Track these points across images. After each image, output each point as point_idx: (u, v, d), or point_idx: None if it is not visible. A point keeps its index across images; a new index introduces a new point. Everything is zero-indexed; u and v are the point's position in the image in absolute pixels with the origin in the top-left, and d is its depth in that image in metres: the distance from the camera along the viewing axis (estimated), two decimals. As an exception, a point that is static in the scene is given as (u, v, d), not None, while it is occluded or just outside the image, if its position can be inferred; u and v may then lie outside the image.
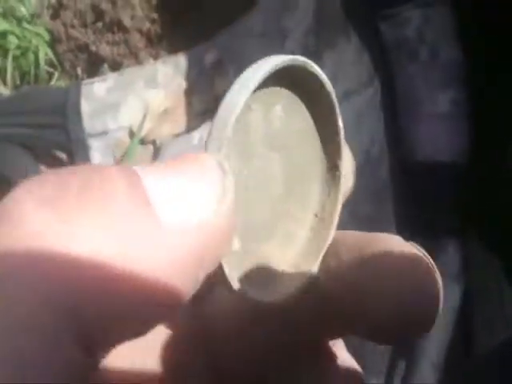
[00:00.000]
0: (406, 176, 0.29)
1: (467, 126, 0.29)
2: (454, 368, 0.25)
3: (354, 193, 0.32)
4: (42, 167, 0.48)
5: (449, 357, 0.25)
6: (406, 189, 0.29)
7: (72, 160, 0.46)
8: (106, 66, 0.49)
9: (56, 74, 0.49)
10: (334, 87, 0.38)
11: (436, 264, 0.27)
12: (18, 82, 0.49)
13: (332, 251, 0.13)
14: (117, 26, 0.47)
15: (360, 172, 0.32)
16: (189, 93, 0.43)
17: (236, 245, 0.12)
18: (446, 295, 0.27)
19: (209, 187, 0.10)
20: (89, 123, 0.45)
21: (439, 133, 0.29)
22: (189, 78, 0.44)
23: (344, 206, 0.31)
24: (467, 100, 0.29)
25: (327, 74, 0.35)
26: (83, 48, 0.48)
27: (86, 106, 0.45)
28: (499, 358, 0.25)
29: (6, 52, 0.47)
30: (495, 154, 0.29)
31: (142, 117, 0.44)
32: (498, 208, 0.28)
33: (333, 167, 0.14)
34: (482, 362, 0.25)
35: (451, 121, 0.29)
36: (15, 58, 0.48)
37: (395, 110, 0.30)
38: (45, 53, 0.47)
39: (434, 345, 0.26)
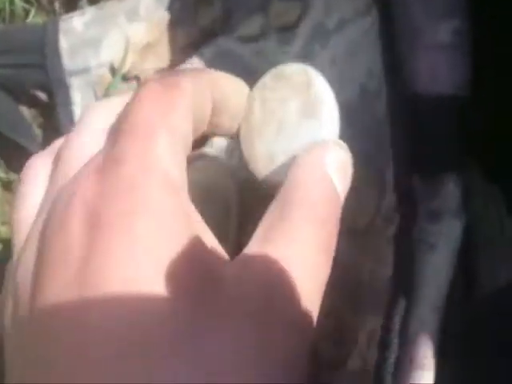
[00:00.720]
0: (405, 110, 0.28)
1: (469, 58, 0.28)
2: (455, 310, 0.24)
3: (350, 128, 0.31)
4: (23, 108, 0.46)
5: (449, 299, 0.24)
6: (405, 123, 0.27)
7: (52, 100, 0.44)
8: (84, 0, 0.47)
9: (32, 11, 0.46)
10: (327, 16, 0.36)
11: (436, 200, 0.26)
12: (-8, 20, 0.47)
13: None
14: (94, -44, 0.45)
15: (356, 106, 0.31)
16: (172, 25, 0.41)
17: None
18: (446, 233, 0.26)
19: None
20: (68, 60, 0.43)
21: (440, 64, 0.28)
22: (172, 9, 0.41)
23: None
24: (469, 31, 0.28)
25: (321, 2, 0.33)
26: (60, -19, 0.46)
27: (64, 43, 0.43)
28: (500, 301, 0.24)
29: (-23, -13, 0.45)
30: (497, 86, 0.28)
31: (124, 52, 0.42)
32: (499, 141, 0.27)
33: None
34: (483, 305, 0.25)
35: (453, 52, 0.28)
36: (-13, -6, 0.45)
37: (394, 40, 0.28)
38: (19, -13, 0.45)
39: (434, 286, 0.25)
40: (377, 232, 0.29)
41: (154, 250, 0.21)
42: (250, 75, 0.36)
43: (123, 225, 0.21)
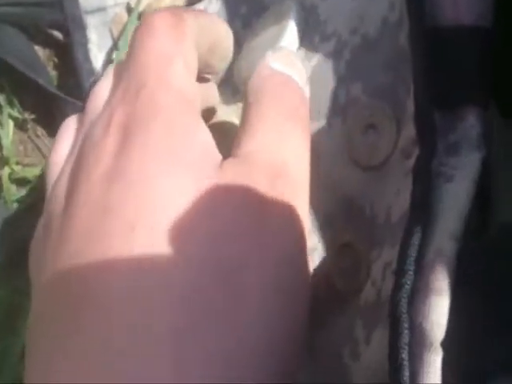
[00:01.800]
0: (426, 42, 0.27)
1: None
2: (472, 239, 0.24)
3: (369, 63, 0.30)
4: (37, 47, 0.46)
5: (467, 227, 0.24)
6: (426, 56, 0.27)
7: (69, 39, 0.44)
8: None
9: None
10: None
11: (456, 133, 0.26)
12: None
13: None
14: None
15: (376, 40, 0.30)
16: (190, -38, 0.41)
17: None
18: (465, 165, 0.26)
19: None
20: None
21: None
22: None
23: (358, 77, 0.29)
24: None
25: None
26: None
27: (81, -19, 0.43)
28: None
29: None
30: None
31: (140, -10, 0.41)
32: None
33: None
34: (501, 233, 0.24)
35: None
36: None
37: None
38: None
39: (452, 215, 0.24)
40: (394, 166, 0.28)
41: (167, 148, 0.24)
42: (264, 10, 0.36)
43: (143, 129, 0.25)
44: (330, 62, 0.31)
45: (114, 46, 0.43)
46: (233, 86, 0.36)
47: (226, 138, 0.30)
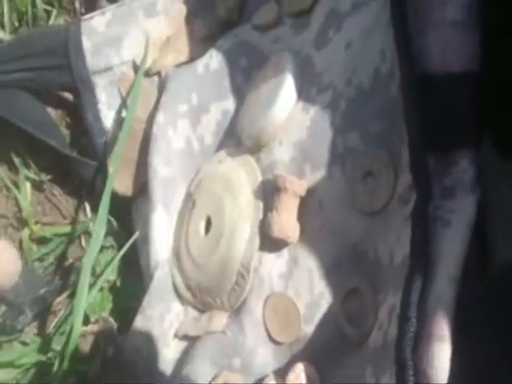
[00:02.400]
0: (417, 90, 0.28)
1: (478, 34, 0.28)
2: (472, 283, 0.25)
3: (364, 113, 0.31)
4: (49, 110, 0.48)
5: (466, 272, 0.25)
6: (417, 103, 0.28)
7: (79, 100, 0.45)
8: (103, -2, 0.48)
9: (54, 12, 0.48)
10: (341, 0, 0.36)
11: (450, 177, 0.26)
12: (17, 25, 0.48)
13: None
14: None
15: (370, 90, 0.31)
16: (190, 18, 0.42)
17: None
18: (460, 209, 0.27)
19: None
20: (92, 60, 0.44)
21: (449, 41, 0.28)
22: (189, 2, 0.42)
23: (354, 127, 0.30)
24: (479, 6, 0.28)
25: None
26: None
27: (87, 43, 0.44)
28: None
29: (0, -6, 0.46)
30: (507, 60, 0.28)
31: (145, 48, 0.43)
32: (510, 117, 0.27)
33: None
34: (500, 275, 0.25)
35: (462, 28, 0.28)
36: (11, 0, 0.47)
37: (405, 20, 0.29)
38: (40, -10, 0.46)
39: (450, 260, 0.25)
40: (393, 212, 0.29)
41: None
42: (266, 62, 0.37)
43: None
44: (327, 112, 0.32)
45: (124, 105, 0.44)
46: (236, 138, 0.37)
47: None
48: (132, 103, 0.43)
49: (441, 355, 0.23)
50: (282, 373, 0.32)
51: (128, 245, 0.41)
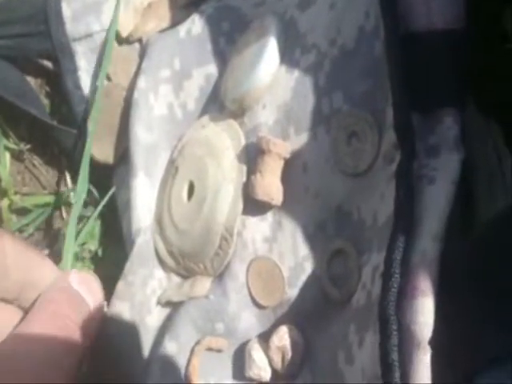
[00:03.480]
0: (401, 47, 0.28)
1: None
2: (455, 239, 0.25)
3: (348, 73, 0.31)
4: (28, 78, 0.47)
5: (450, 229, 0.25)
6: (401, 61, 0.27)
7: (58, 67, 0.45)
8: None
9: (33, -21, 0.47)
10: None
11: (435, 136, 0.26)
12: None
13: None
14: None
15: (354, 50, 0.31)
16: (171, -16, 0.41)
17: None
18: (445, 167, 0.27)
19: None
20: (71, 27, 0.44)
21: None
22: (170, -32, 0.42)
23: (339, 87, 0.30)
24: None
25: None
26: None
27: (67, 10, 0.43)
28: (498, 226, 0.24)
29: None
30: (490, 18, 0.27)
31: (125, 14, 0.42)
32: (495, 73, 0.27)
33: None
34: (484, 231, 0.25)
35: None
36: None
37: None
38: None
39: (435, 217, 0.25)
40: (378, 172, 0.29)
41: None
42: (248, 25, 0.37)
43: None
44: (311, 73, 0.32)
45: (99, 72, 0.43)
46: (219, 103, 0.36)
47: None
48: (104, 65, 0.42)
49: (424, 311, 0.23)
50: (266, 337, 0.32)
51: (103, 203, 0.41)
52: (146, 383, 0.33)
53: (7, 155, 0.46)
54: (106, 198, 0.41)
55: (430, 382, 0.22)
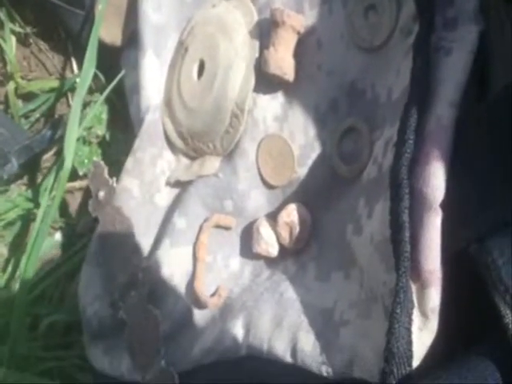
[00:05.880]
0: None
1: None
2: (470, 108, 0.24)
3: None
4: None
5: (465, 96, 0.24)
6: None
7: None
8: None
9: None
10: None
11: (454, 7, 0.25)
12: None
13: None
14: None
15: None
16: None
17: None
18: (462, 38, 0.26)
19: None
20: None
21: None
22: None
23: None
24: None
25: None
26: None
27: None
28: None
29: None
30: None
31: None
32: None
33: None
34: (499, 97, 0.25)
35: None
36: None
37: None
38: None
39: (451, 83, 0.25)
40: (394, 46, 0.28)
41: None
42: None
43: None
44: None
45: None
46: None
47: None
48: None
49: (437, 174, 0.23)
50: (274, 215, 0.32)
51: (111, 86, 0.40)
52: (155, 256, 0.34)
53: (13, 39, 0.46)
54: (115, 82, 0.40)
55: (439, 243, 0.23)
